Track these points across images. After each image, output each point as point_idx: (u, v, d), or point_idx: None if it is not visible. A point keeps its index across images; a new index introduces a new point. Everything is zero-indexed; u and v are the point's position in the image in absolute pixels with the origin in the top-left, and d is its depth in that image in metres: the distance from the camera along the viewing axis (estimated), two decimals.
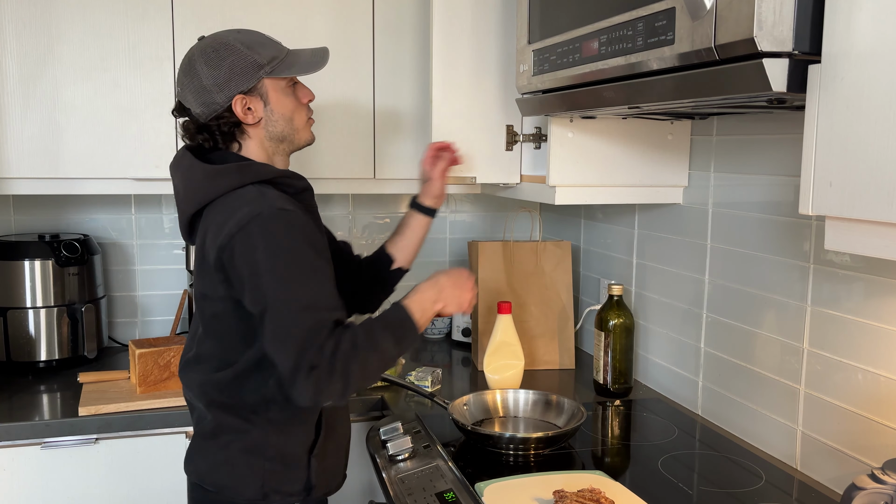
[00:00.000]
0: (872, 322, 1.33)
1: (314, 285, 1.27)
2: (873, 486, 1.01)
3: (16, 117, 1.95)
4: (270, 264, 1.25)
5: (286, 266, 1.26)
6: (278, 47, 1.42)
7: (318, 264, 1.30)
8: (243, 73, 1.37)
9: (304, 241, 1.29)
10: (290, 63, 1.41)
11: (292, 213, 1.30)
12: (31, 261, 2.08)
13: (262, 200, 1.31)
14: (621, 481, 1.41)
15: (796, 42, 0.92)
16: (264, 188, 1.35)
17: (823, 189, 0.92)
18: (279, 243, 1.27)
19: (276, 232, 1.27)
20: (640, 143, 1.79)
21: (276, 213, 1.29)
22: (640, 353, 2.06)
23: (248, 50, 1.37)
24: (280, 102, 1.42)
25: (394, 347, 1.31)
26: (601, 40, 1.26)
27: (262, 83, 1.39)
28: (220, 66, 1.36)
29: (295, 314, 1.24)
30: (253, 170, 1.38)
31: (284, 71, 1.40)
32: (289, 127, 1.45)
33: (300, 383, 1.21)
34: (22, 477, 1.79)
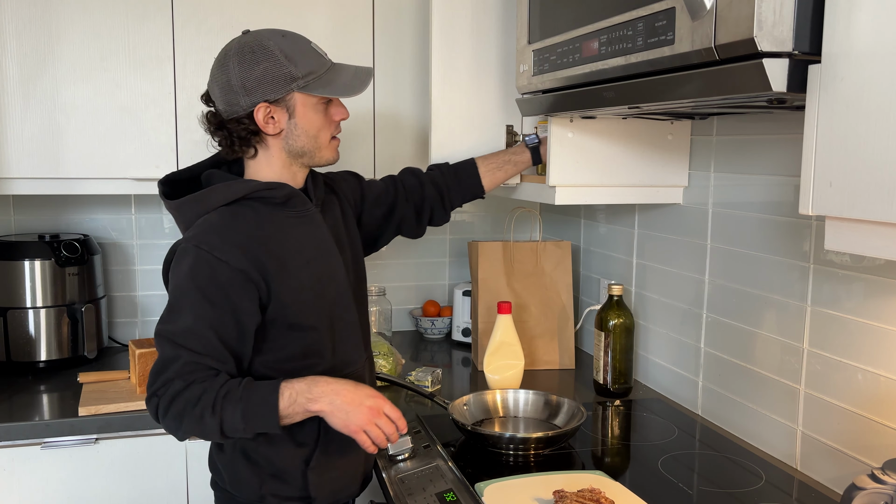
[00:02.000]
0: (872, 322, 1.33)
1: (191, 322, 1.28)
2: (873, 486, 1.01)
3: (16, 117, 1.95)
4: (172, 292, 1.32)
5: (176, 297, 1.31)
6: (320, 61, 1.38)
7: (206, 307, 1.28)
8: (274, 82, 1.33)
9: (205, 281, 1.29)
10: (327, 81, 1.37)
11: (205, 253, 1.30)
12: (32, 261, 2.08)
13: (196, 230, 1.34)
14: (621, 481, 1.41)
15: (796, 42, 0.92)
16: (222, 214, 1.35)
17: (823, 189, 0.92)
18: (180, 276, 1.30)
19: (182, 265, 1.30)
20: (640, 143, 1.79)
21: (191, 248, 1.31)
22: (640, 353, 2.06)
23: (285, 59, 1.33)
24: (306, 118, 1.38)
25: (239, 421, 1.25)
26: (601, 40, 1.26)
27: (292, 96, 1.36)
28: (252, 69, 1.32)
29: (164, 341, 1.29)
30: (217, 193, 1.37)
31: (318, 89, 1.36)
32: (311, 143, 1.41)
33: (149, 405, 1.30)
34: (22, 477, 1.79)
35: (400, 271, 2.61)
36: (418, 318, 2.54)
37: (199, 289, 1.29)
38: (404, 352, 2.34)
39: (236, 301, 1.31)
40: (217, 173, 1.43)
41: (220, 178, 1.41)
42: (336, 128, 1.44)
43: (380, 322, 2.39)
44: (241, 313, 1.31)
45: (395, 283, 2.61)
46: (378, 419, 1.31)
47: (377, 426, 1.31)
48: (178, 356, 1.27)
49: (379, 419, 1.31)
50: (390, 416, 1.32)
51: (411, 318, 2.65)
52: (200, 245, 1.31)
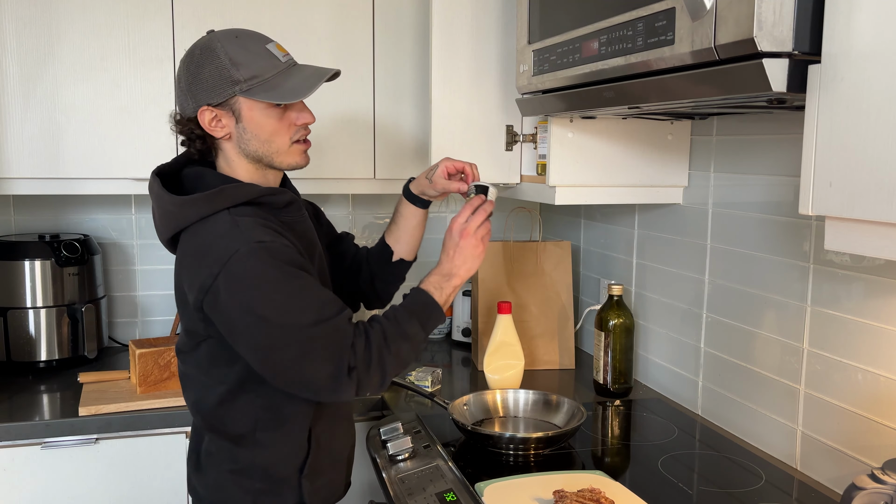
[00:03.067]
0: (872, 322, 1.33)
1: (312, 299, 1.26)
2: (873, 486, 1.01)
3: (16, 117, 1.95)
4: (264, 299, 1.23)
5: (280, 294, 1.24)
6: (272, 63, 1.32)
7: (306, 280, 1.27)
8: (215, 86, 1.30)
9: (286, 265, 1.26)
10: (272, 86, 1.31)
11: (269, 244, 1.26)
12: (32, 261, 2.08)
13: (237, 234, 1.26)
14: (621, 481, 1.41)
15: (796, 42, 0.92)
16: (238, 216, 1.30)
17: (823, 189, 0.92)
18: (265, 276, 1.24)
19: (258, 266, 1.24)
20: (640, 143, 1.79)
21: (254, 247, 1.24)
22: (640, 353, 2.06)
23: (229, 63, 1.29)
24: (255, 122, 1.33)
25: (421, 331, 1.34)
26: (601, 40, 1.26)
27: (237, 100, 1.31)
28: (197, 72, 1.31)
29: (311, 332, 1.24)
30: (226, 195, 1.32)
31: (260, 94, 1.30)
32: (264, 148, 1.36)
33: (343, 388, 1.26)
34: (22, 477, 1.79)
35: None
36: None
37: (290, 268, 1.25)
38: None
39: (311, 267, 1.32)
40: (209, 172, 1.38)
41: (214, 178, 1.37)
42: (298, 131, 1.38)
43: None
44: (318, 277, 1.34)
45: None
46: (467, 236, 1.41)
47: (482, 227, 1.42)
48: (335, 326, 1.25)
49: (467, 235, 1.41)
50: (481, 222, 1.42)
51: None
52: (261, 238, 1.26)
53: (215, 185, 1.34)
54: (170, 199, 1.33)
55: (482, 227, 1.42)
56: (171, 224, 1.34)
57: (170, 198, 1.33)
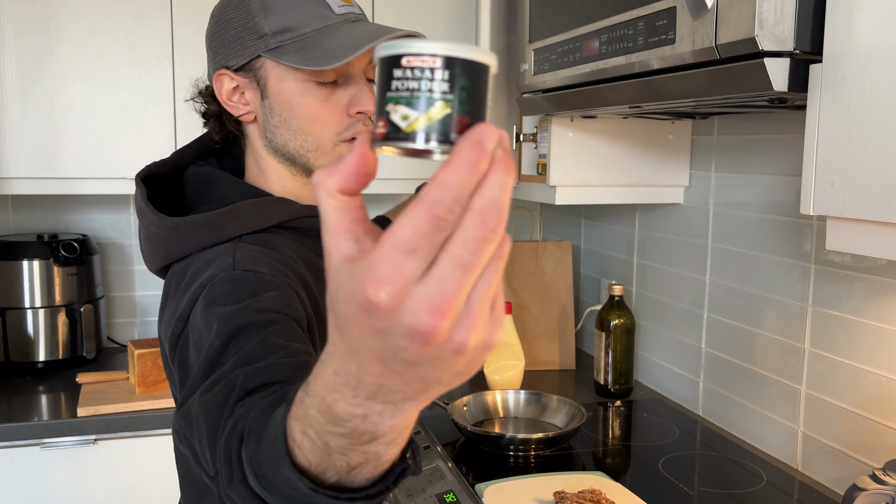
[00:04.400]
0: (874, 322, 1.32)
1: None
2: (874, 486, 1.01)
3: (15, 117, 1.94)
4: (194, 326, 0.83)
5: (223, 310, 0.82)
6: (318, 12, 0.91)
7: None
8: (235, 40, 0.92)
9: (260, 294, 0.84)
10: (309, 44, 0.89)
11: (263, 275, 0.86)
12: (30, 261, 2.08)
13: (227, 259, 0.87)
14: (622, 482, 1.40)
15: (797, 41, 0.92)
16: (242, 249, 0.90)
17: (825, 189, 0.92)
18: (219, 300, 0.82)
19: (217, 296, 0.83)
20: (640, 142, 1.78)
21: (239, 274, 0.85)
22: (640, 353, 2.06)
23: (259, 7, 0.91)
24: (284, 100, 0.92)
25: None
26: (602, 39, 1.26)
27: (262, 63, 0.92)
28: (221, 21, 0.94)
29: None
30: (242, 217, 0.91)
31: (288, 55, 0.89)
32: (296, 141, 0.94)
33: None
34: (21, 477, 1.78)
35: None
36: None
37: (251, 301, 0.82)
38: None
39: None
40: (221, 177, 0.99)
41: (229, 187, 0.97)
42: (352, 125, 0.95)
43: None
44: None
45: None
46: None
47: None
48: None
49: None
50: None
51: None
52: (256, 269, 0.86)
53: (229, 196, 0.95)
54: (155, 220, 0.92)
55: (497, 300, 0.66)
56: (160, 252, 0.94)
57: (156, 218, 0.92)
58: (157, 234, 0.93)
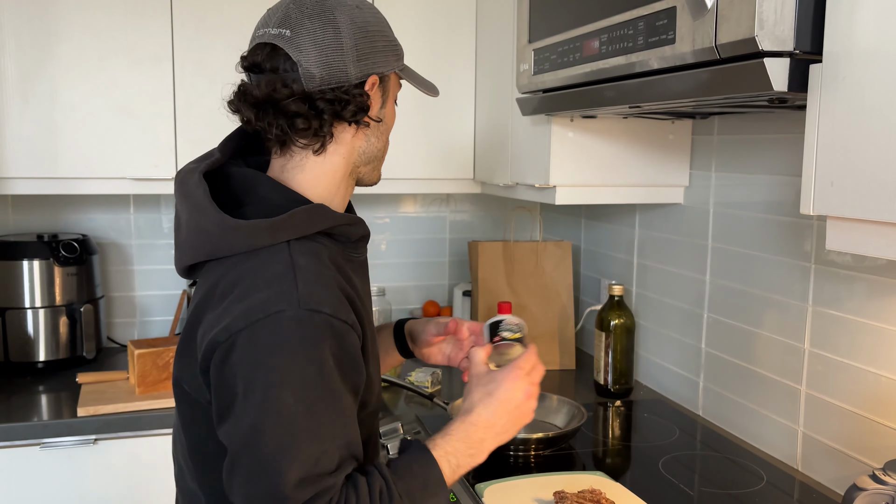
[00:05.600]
0: (874, 322, 1.32)
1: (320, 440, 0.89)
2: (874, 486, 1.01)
3: (14, 117, 1.94)
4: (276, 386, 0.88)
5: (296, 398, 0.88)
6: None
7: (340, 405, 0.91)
8: (385, 52, 1.03)
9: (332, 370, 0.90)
10: (410, 73, 1.10)
11: (327, 320, 0.90)
12: (30, 261, 2.08)
13: (289, 286, 0.90)
14: (622, 482, 1.40)
15: (797, 41, 0.92)
16: (300, 254, 0.94)
17: (825, 189, 0.92)
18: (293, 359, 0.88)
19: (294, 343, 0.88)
20: (640, 142, 1.78)
21: (305, 315, 0.88)
22: (640, 353, 2.06)
23: (391, 33, 1.06)
24: (391, 111, 1.09)
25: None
26: (602, 39, 1.26)
27: (389, 79, 1.06)
28: (367, 31, 1.00)
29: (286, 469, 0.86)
30: (296, 223, 0.96)
31: (410, 76, 1.09)
32: (382, 144, 1.09)
33: None
34: (21, 477, 1.78)
35: (400, 271, 2.61)
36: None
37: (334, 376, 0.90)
38: None
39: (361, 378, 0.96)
40: (264, 180, 1.01)
41: (273, 191, 1.00)
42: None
43: (379, 322, 2.39)
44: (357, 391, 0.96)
45: (395, 283, 2.60)
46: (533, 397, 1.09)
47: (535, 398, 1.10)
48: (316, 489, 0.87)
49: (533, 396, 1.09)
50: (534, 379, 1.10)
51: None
52: (320, 308, 0.90)
53: (273, 199, 0.99)
54: (216, 219, 0.95)
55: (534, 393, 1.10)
56: (207, 249, 0.96)
57: (218, 217, 0.95)
58: (211, 232, 0.95)
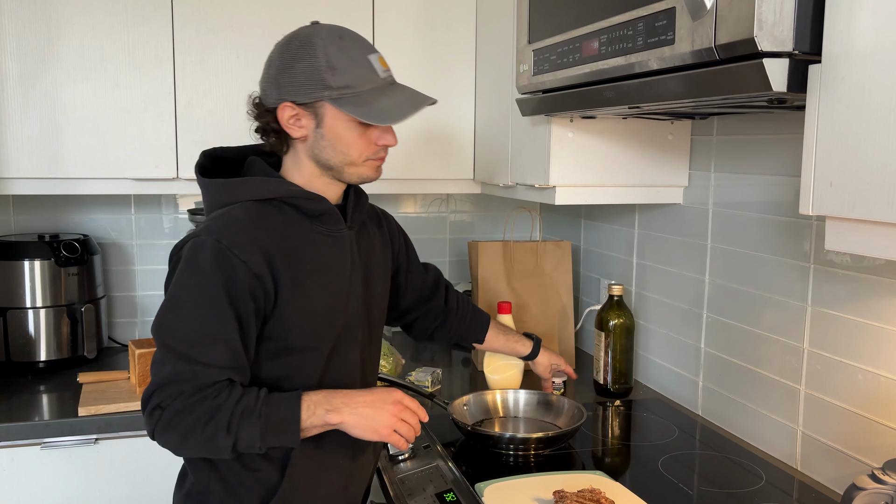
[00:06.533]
0: (873, 322, 1.33)
1: (207, 329, 1.17)
2: (874, 486, 1.01)
3: (15, 117, 1.94)
4: (173, 294, 1.19)
5: (185, 296, 1.18)
6: (370, 76, 1.24)
7: (226, 313, 1.17)
8: (305, 84, 1.22)
9: (224, 281, 1.17)
10: (364, 101, 1.22)
11: (224, 251, 1.18)
12: (31, 261, 2.08)
13: (213, 224, 1.22)
14: (621, 481, 1.41)
15: (796, 42, 0.92)
16: (239, 209, 1.24)
17: (824, 189, 0.92)
18: (191, 277, 1.18)
19: (198, 260, 1.18)
20: (640, 143, 1.79)
21: (209, 242, 1.18)
22: (640, 353, 2.06)
23: (325, 64, 1.21)
24: (335, 132, 1.25)
25: (257, 438, 1.16)
26: (601, 40, 1.26)
27: (322, 105, 1.23)
28: (291, 65, 1.23)
29: (168, 349, 1.17)
30: (249, 186, 1.27)
31: (349, 107, 1.22)
32: (337, 158, 1.27)
33: (145, 416, 1.18)
34: (22, 477, 1.79)
35: None
36: None
37: (215, 288, 1.17)
38: (404, 352, 2.34)
39: (250, 307, 1.20)
40: (259, 162, 1.32)
41: (261, 170, 1.31)
42: (377, 151, 1.30)
43: None
44: (252, 319, 1.21)
45: None
46: (403, 414, 1.25)
47: (404, 420, 1.25)
48: (190, 371, 1.15)
49: (404, 413, 1.26)
50: (411, 407, 1.27)
51: None
52: (221, 240, 1.19)
53: (257, 175, 1.30)
54: (201, 181, 1.30)
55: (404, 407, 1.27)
56: (206, 205, 1.32)
57: (201, 180, 1.30)
58: (203, 193, 1.31)
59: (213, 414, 1.14)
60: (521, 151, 1.90)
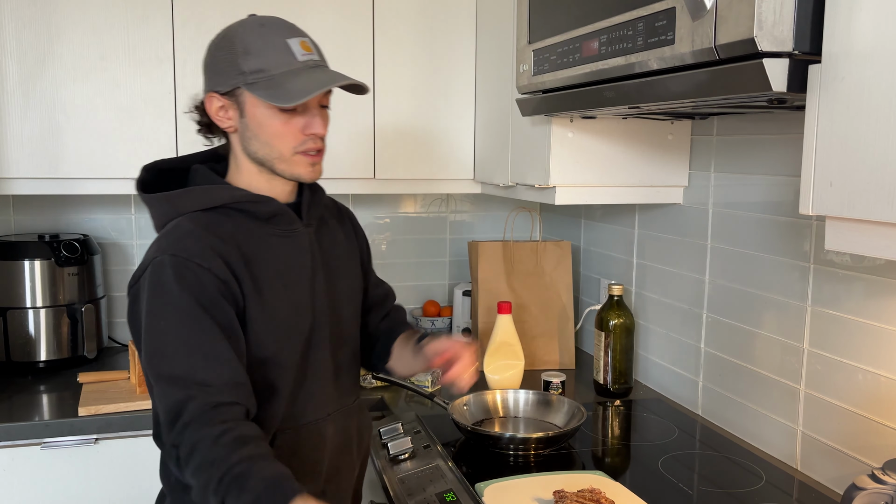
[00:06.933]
0: (873, 322, 1.33)
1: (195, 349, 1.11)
2: (873, 486, 1.01)
3: (15, 117, 1.94)
4: (149, 324, 1.13)
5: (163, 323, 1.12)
6: (285, 59, 1.19)
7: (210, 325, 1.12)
8: (223, 72, 1.21)
9: (197, 293, 1.13)
10: (276, 84, 1.17)
11: (184, 262, 1.14)
12: (31, 261, 2.08)
13: (163, 242, 1.17)
14: (621, 481, 1.41)
15: (796, 42, 0.92)
16: (186, 221, 1.20)
17: (824, 189, 0.92)
18: (161, 300, 1.13)
19: (162, 280, 1.14)
20: (640, 143, 1.79)
21: (166, 259, 1.14)
22: (640, 353, 2.06)
23: (241, 51, 1.19)
24: (256, 120, 1.21)
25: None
26: (601, 40, 1.26)
27: (241, 92, 1.20)
28: (213, 56, 1.24)
29: (166, 383, 1.11)
30: (192, 197, 1.23)
31: (260, 90, 1.18)
32: (264, 151, 1.23)
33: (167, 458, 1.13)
34: (22, 477, 1.79)
35: (400, 271, 2.61)
36: (418, 318, 2.54)
37: (188, 303, 1.12)
38: None
39: (230, 313, 1.16)
40: (202, 170, 1.29)
41: (203, 178, 1.27)
42: (305, 141, 1.23)
43: None
44: (235, 324, 1.16)
45: (395, 283, 2.59)
46: None
47: None
48: (190, 396, 1.09)
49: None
50: None
51: (411, 318, 2.65)
52: (178, 253, 1.15)
53: (201, 184, 1.26)
54: (142, 196, 1.26)
55: None
56: (154, 225, 1.27)
57: (141, 195, 1.26)
58: (148, 208, 1.28)
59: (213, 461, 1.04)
60: (520, 151, 1.90)
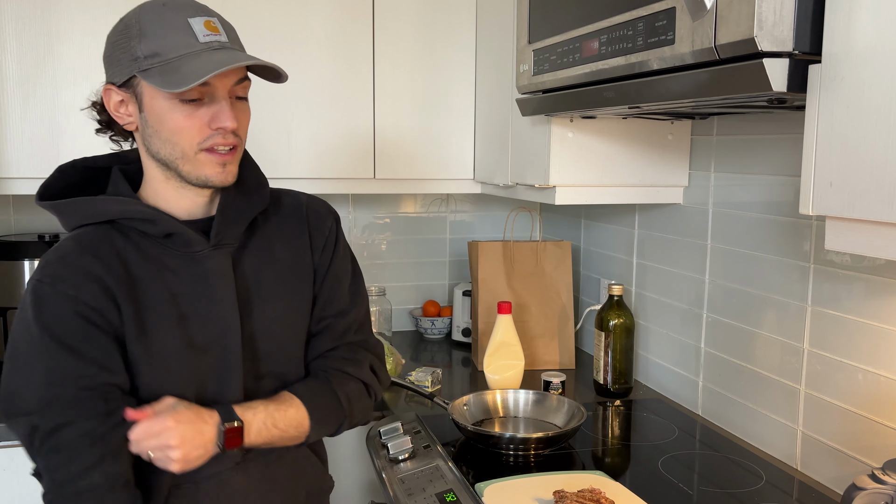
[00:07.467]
0: (873, 322, 1.33)
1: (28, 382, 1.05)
2: (874, 486, 1.01)
3: (16, 117, 1.94)
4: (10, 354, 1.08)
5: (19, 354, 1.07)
6: (184, 40, 1.04)
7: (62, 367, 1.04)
8: (118, 60, 1.07)
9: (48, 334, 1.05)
10: (172, 69, 1.02)
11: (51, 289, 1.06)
12: (31, 261, 2.08)
13: (42, 262, 1.11)
14: (621, 481, 1.41)
15: (797, 42, 0.92)
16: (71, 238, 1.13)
17: (824, 189, 0.92)
18: (19, 326, 1.08)
19: (22, 320, 1.07)
20: (640, 142, 1.79)
21: (32, 288, 1.07)
22: (640, 353, 2.06)
23: (137, 34, 1.05)
24: (155, 114, 1.07)
25: None
26: (601, 40, 1.26)
27: (138, 82, 1.06)
28: (111, 41, 1.10)
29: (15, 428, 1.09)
30: (75, 211, 1.13)
31: (153, 77, 1.03)
32: (167, 150, 1.08)
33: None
34: (22, 477, 1.78)
35: (400, 271, 2.61)
36: (418, 318, 2.54)
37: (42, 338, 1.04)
38: (404, 352, 2.34)
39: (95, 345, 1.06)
40: (115, 175, 1.17)
41: (113, 185, 1.16)
42: (211, 137, 1.08)
43: (380, 322, 2.39)
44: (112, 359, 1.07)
45: (395, 283, 2.61)
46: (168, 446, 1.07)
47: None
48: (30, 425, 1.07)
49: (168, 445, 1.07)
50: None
51: (411, 318, 2.65)
52: (43, 279, 1.07)
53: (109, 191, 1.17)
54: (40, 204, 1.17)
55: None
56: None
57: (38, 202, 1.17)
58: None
59: None
60: (520, 151, 1.90)
